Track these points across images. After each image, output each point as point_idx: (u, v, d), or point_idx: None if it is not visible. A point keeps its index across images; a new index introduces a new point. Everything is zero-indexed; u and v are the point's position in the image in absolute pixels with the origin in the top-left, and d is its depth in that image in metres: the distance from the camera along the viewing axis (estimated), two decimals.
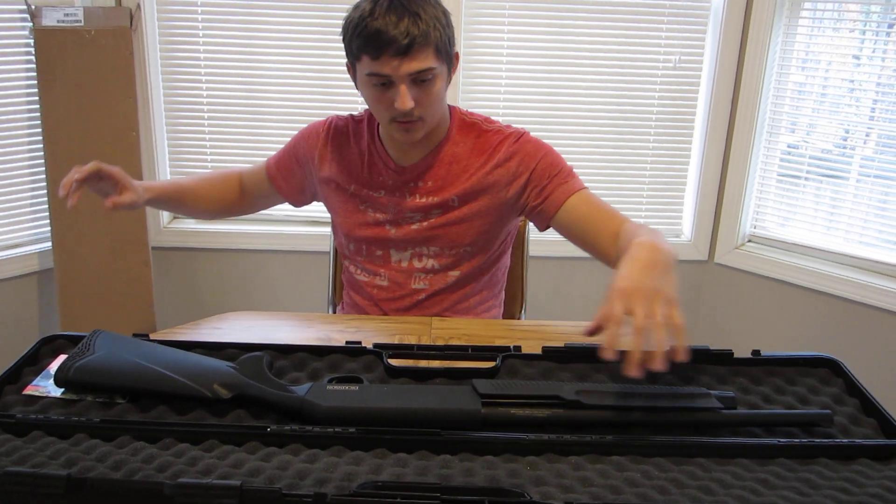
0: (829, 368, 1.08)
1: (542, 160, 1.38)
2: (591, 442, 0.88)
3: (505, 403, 0.93)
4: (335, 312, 1.70)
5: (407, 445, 0.88)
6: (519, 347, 1.10)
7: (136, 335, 1.08)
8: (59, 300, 2.22)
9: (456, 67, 1.36)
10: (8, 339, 2.27)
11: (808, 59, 2.25)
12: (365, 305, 1.50)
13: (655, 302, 0.91)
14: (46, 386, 0.98)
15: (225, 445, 0.87)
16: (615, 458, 0.87)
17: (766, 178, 2.40)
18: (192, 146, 2.39)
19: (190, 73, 2.32)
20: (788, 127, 2.33)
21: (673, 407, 0.94)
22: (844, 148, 2.28)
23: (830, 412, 0.94)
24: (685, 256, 2.49)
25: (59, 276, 2.21)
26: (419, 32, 1.22)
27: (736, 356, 1.08)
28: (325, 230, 1.44)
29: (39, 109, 2.13)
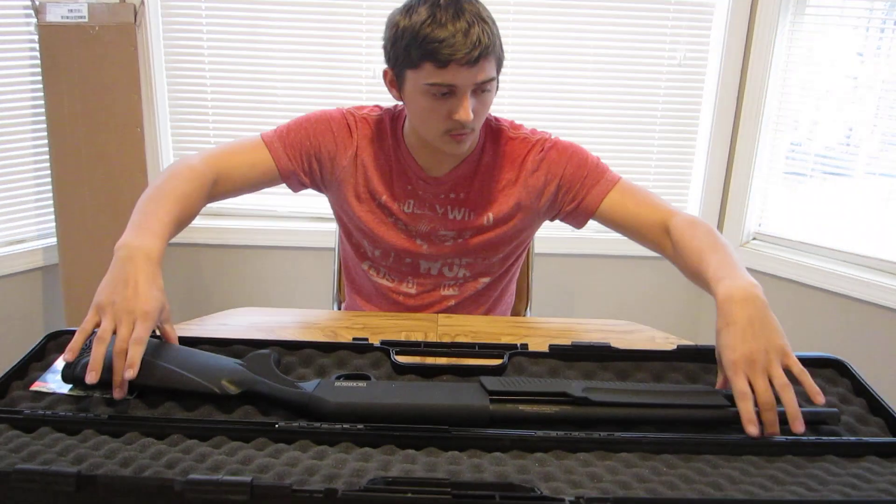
0: (835, 369, 1.07)
1: (568, 165, 1.35)
2: (599, 439, 0.88)
3: (513, 400, 0.93)
4: (339, 309, 1.70)
5: (415, 442, 0.88)
6: (526, 345, 1.10)
7: None
8: (64, 296, 2.22)
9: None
10: (12, 334, 2.28)
11: (812, 55, 2.25)
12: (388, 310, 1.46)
13: (772, 365, 0.92)
14: (53, 382, 0.98)
15: (233, 442, 0.87)
16: (623, 454, 0.87)
17: (771, 175, 2.39)
18: (195, 142, 2.39)
19: (194, 68, 2.32)
20: (793, 124, 2.33)
21: (681, 404, 0.94)
22: (848, 145, 2.27)
23: (838, 410, 0.94)
24: None
25: (63, 271, 2.21)
26: (488, 42, 1.18)
27: None
28: (329, 226, 1.42)
29: (44, 105, 2.13)
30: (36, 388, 0.97)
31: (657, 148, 2.43)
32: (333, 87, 2.33)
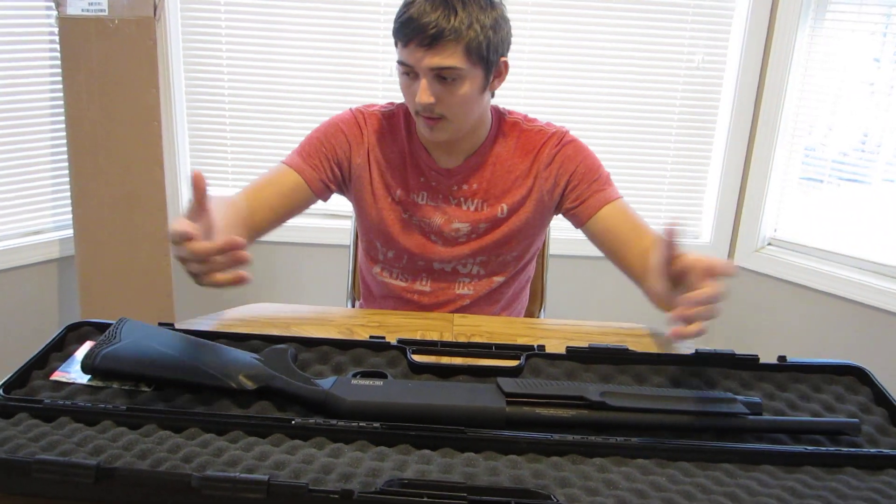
0: (855, 377, 1.07)
1: (581, 164, 1.37)
2: (616, 444, 0.88)
3: (529, 402, 0.93)
4: (354, 306, 1.70)
5: (431, 442, 0.87)
6: (543, 347, 1.09)
7: (161, 324, 1.08)
8: (79, 287, 2.23)
9: (502, 77, 1.31)
10: (28, 324, 2.29)
11: (829, 60, 2.23)
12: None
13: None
14: (73, 372, 0.99)
15: (249, 437, 0.87)
16: (640, 461, 0.86)
17: (787, 180, 2.38)
18: (212, 136, 2.40)
19: (212, 62, 2.32)
20: (810, 130, 2.32)
21: (699, 411, 0.93)
22: (864, 151, 2.25)
23: (858, 421, 0.93)
24: None
25: (79, 263, 2.22)
26: (449, 27, 1.18)
27: (761, 361, 1.08)
28: (344, 223, 1.43)
29: (63, 98, 2.14)
30: (56, 377, 0.98)
31: (673, 151, 2.42)
32: (350, 83, 2.33)
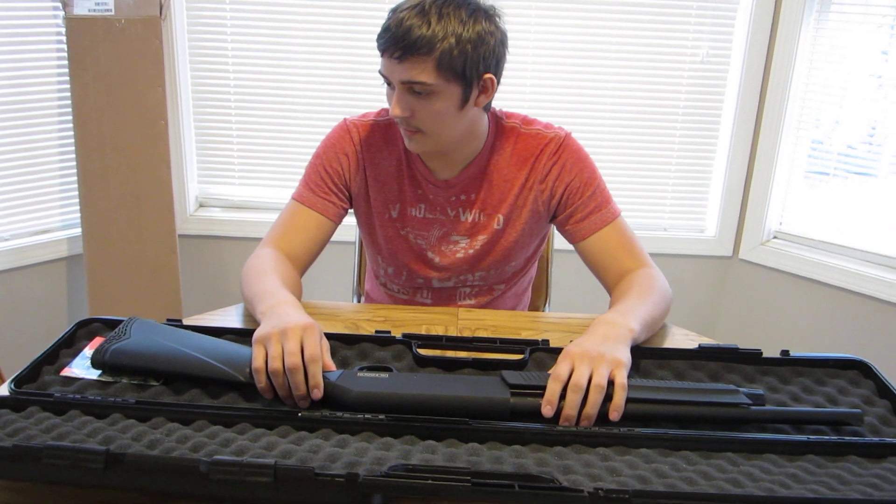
0: (859, 370, 1.07)
1: (577, 176, 1.33)
2: (619, 434, 0.89)
3: (534, 394, 0.94)
4: (360, 302, 1.71)
5: (436, 433, 0.89)
6: (547, 341, 1.10)
7: (169, 321, 1.09)
8: (88, 285, 2.25)
9: (489, 93, 1.25)
10: (37, 322, 2.31)
11: (835, 53, 2.23)
12: None
13: (599, 364, 0.94)
14: (83, 368, 1.00)
15: (257, 428, 0.89)
16: (643, 450, 0.87)
17: (793, 173, 2.38)
18: (219, 135, 2.42)
19: (218, 61, 2.34)
20: (816, 123, 2.31)
21: (701, 402, 0.94)
22: (871, 144, 2.25)
23: (861, 411, 0.94)
24: (709, 252, 2.48)
25: (88, 261, 2.24)
26: (420, 40, 1.14)
27: (764, 356, 1.08)
28: (348, 220, 1.43)
29: (70, 97, 2.15)
30: (66, 373, 0.99)
31: (678, 145, 2.42)
32: (356, 83, 2.34)
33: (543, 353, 1.08)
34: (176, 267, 2.30)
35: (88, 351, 1.03)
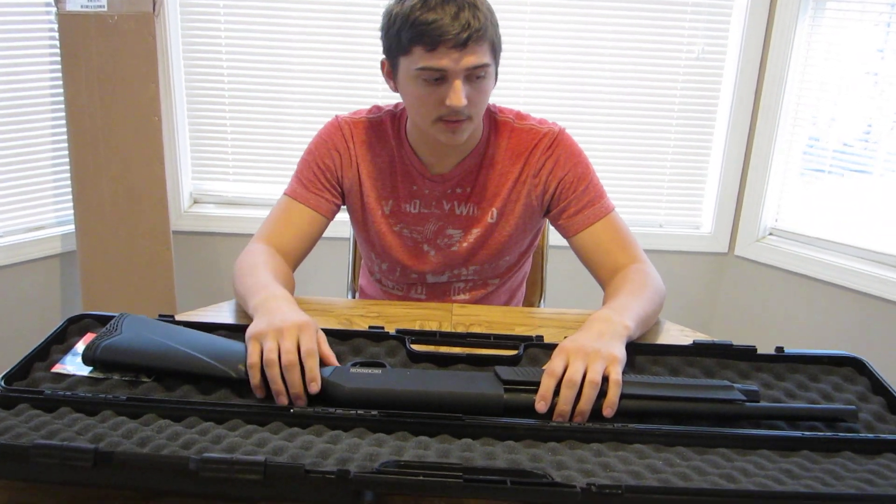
0: (853, 367, 1.07)
1: (571, 171, 1.33)
2: (613, 430, 0.88)
3: (527, 390, 0.93)
4: (354, 297, 1.71)
5: (429, 429, 0.88)
6: (541, 337, 1.10)
7: (161, 317, 1.09)
8: (81, 282, 2.24)
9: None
10: (31, 319, 2.30)
11: (831, 50, 2.23)
12: None
13: (594, 360, 0.94)
14: (74, 364, 0.99)
15: (248, 425, 0.88)
16: (637, 445, 0.87)
17: (788, 170, 2.37)
18: (212, 131, 2.41)
19: (211, 57, 2.33)
20: (811, 120, 2.31)
21: (696, 398, 0.93)
22: (867, 142, 2.25)
23: (856, 408, 0.94)
24: (705, 248, 2.48)
25: (81, 258, 2.23)
26: (479, 25, 1.15)
27: (759, 352, 1.08)
28: (343, 216, 1.42)
29: (63, 93, 2.14)
30: (57, 369, 0.98)
31: (673, 142, 2.42)
32: (350, 80, 2.33)
33: (537, 348, 1.07)
34: (170, 263, 2.29)
35: (80, 347, 1.03)
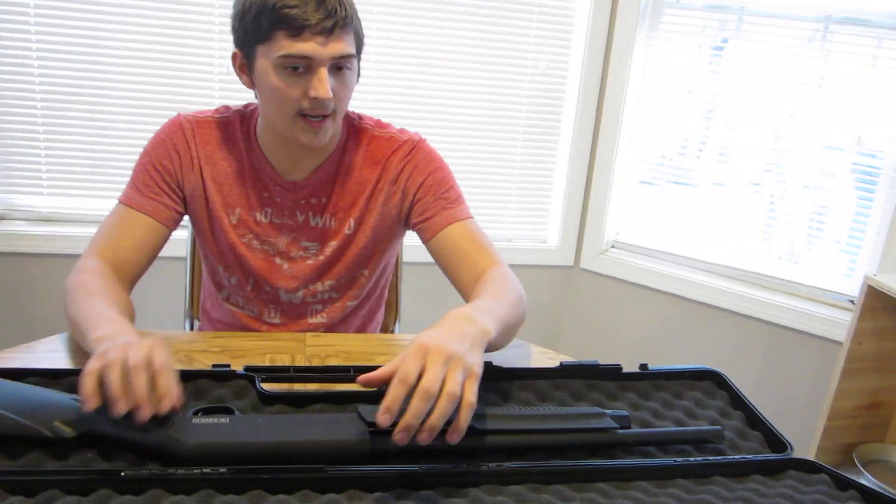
0: (712, 381, 1.10)
1: (430, 175, 1.28)
2: (488, 471, 0.83)
3: (394, 432, 0.86)
4: (192, 329, 1.55)
5: (287, 485, 0.79)
6: None
7: None
8: None
9: None
10: None
11: (663, 69, 2.33)
12: None
13: (455, 368, 0.80)
14: None
15: (68, 496, 0.75)
16: (514, 487, 0.82)
17: (626, 185, 2.46)
18: (22, 138, 2.13)
19: (20, 55, 2.06)
20: (649, 134, 2.41)
21: (569, 428, 0.90)
22: (699, 157, 2.38)
23: (721, 429, 0.95)
24: (552, 262, 2.52)
25: None
26: (345, 13, 1.10)
27: (624, 370, 1.07)
28: (178, 233, 1.28)
29: None
30: None
31: (520, 156, 2.44)
32: (182, 84, 2.15)
33: None
34: None
35: None
